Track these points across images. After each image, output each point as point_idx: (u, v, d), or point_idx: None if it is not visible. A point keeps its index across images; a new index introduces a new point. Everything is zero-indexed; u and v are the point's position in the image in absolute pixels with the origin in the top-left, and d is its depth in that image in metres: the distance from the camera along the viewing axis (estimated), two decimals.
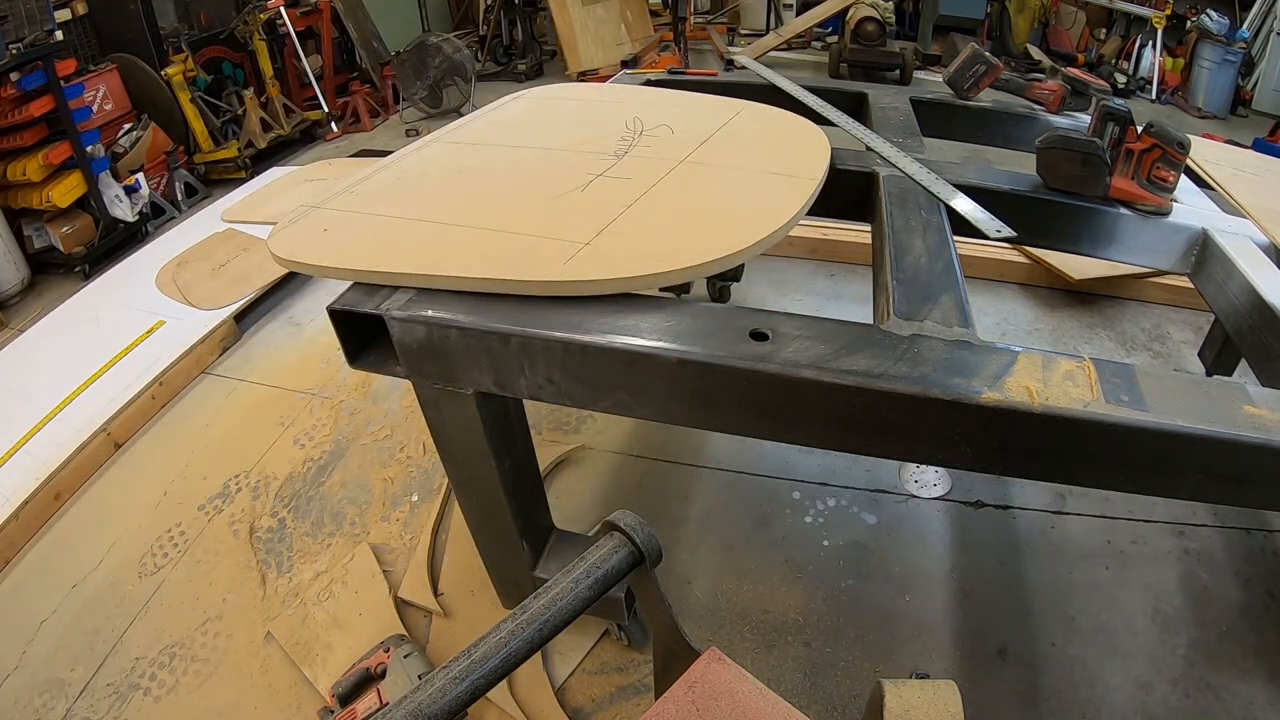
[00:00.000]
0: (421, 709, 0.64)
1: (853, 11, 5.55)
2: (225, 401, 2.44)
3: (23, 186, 3.18)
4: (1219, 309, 1.36)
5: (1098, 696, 1.51)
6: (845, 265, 3.02)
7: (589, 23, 5.70)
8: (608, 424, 2.22)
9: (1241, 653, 1.58)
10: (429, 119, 5.07)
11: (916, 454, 1.03)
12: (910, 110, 1.86)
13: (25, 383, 2.43)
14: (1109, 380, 0.93)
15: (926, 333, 1.02)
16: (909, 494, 1.98)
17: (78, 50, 3.70)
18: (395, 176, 1.46)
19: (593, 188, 1.33)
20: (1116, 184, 1.44)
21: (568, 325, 1.05)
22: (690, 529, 1.90)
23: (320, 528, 1.96)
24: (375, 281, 1.15)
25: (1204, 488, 0.93)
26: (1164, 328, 2.63)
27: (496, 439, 1.27)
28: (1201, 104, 5.15)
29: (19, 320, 3.03)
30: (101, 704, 1.57)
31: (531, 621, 0.72)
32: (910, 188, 1.43)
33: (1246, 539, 1.84)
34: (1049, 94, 1.94)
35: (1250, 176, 1.65)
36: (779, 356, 0.97)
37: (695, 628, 1.66)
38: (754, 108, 1.70)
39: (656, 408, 1.08)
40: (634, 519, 0.81)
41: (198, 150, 4.17)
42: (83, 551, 1.93)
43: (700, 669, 0.77)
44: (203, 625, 1.72)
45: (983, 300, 2.76)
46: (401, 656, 1.48)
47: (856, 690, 1.53)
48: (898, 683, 1.13)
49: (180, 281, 2.90)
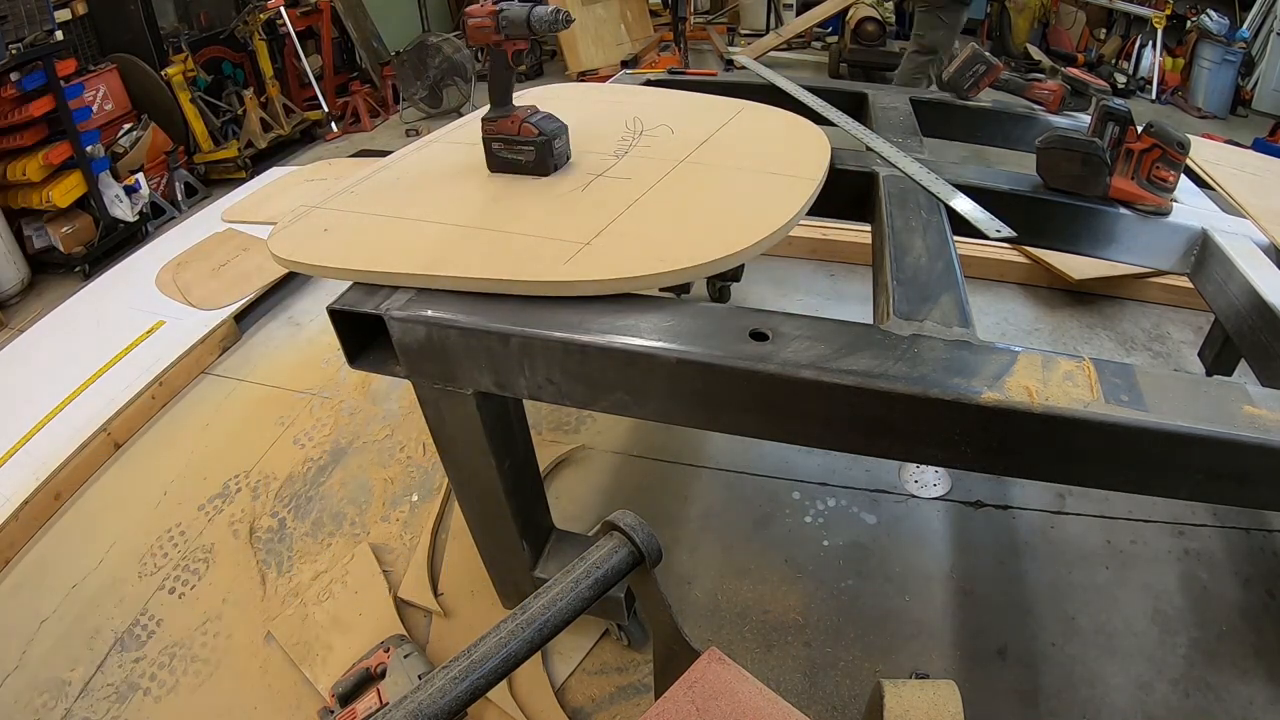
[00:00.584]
0: (421, 709, 0.64)
1: (853, 11, 5.55)
2: (225, 401, 2.44)
3: (23, 186, 3.18)
4: (1219, 309, 1.36)
5: (1098, 696, 1.51)
6: (845, 265, 3.02)
7: (589, 23, 5.69)
8: (608, 424, 2.22)
9: (1241, 653, 1.59)
10: (429, 119, 5.07)
11: (916, 454, 1.03)
12: (910, 110, 1.86)
13: (25, 383, 2.43)
14: (1109, 380, 0.93)
15: (926, 333, 1.02)
16: (909, 494, 1.98)
17: (78, 50, 3.70)
18: (395, 176, 1.46)
19: (593, 188, 1.33)
20: (1116, 184, 1.44)
21: (568, 325, 1.05)
22: (690, 529, 1.90)
23: (320, 528, 1.96)
24: (375, 281, 1.15)
25: (1204, 488, 0.93)
26: (1164, 328, 2.63)
27: (496, 439, 1.27)
28: (1201, 104, 5.15)
29: (19, 320, 3.03)
30: (101, 704, 1.57)
31: (531, 621, 0.72)
32: (910, 188, 1.43)
33: (1246, 539, 1.84)
34: (1049, 94, 1.94)
35: (1250, 176, 1.65)
36: (779, 356, 0.97)
37: (695, 628, 1.66)
38: (754, 108, 1.70)
39: (656, 408, 1.08)
40: (634, 519, 0.81)
41: (198, 150, 4.17)
42: (83, 551, 1.93)
43: (700, 669, 0.77)
44: (203, 625, 1.72)
45: (983, 300, 2.76)
46: (401, 656, 1.48)
47: (856, 690, 1.53)
48: (898, 683, 1.13)
49: (180, 281, 2.90)
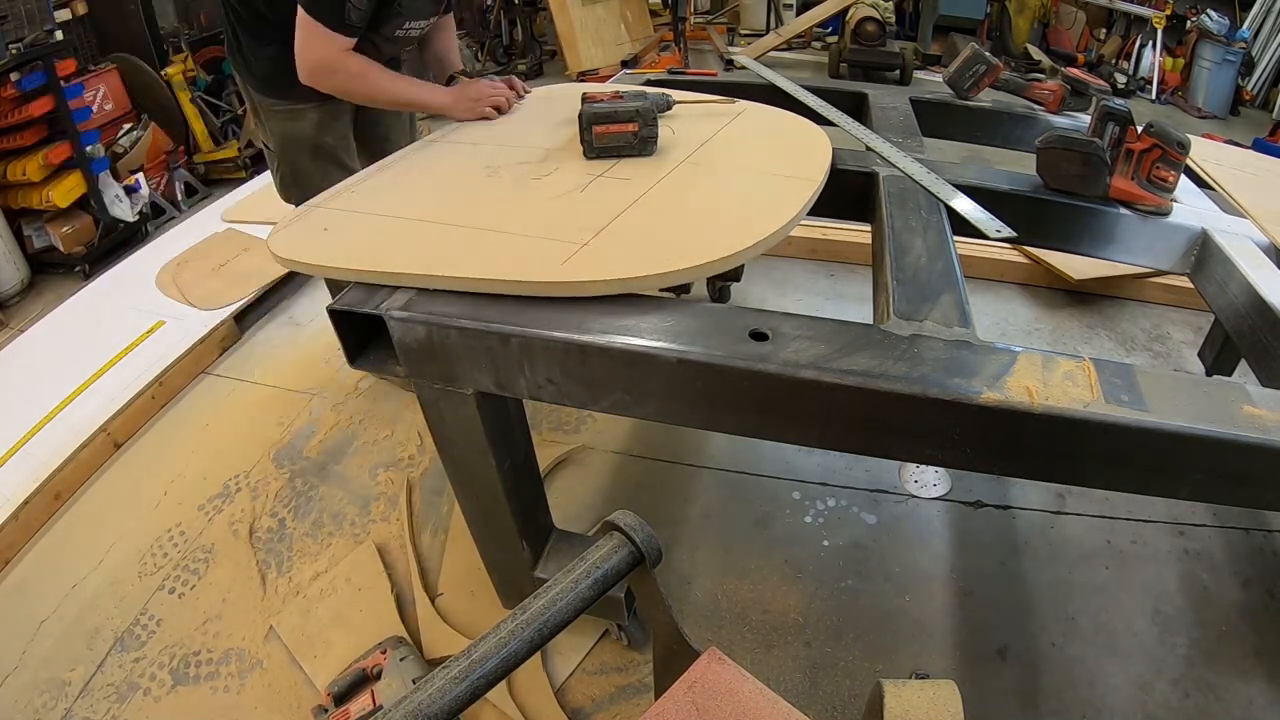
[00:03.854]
0: (421, 709, 0.64)
1: (853, 11, 5.55)
2: (225, 401, 2.44)
3: (23, 186, 3.18)
4: (1219, 309, 1.36)
5: (1098, 696, 1.51)
6: (845, 265, 3.02)
7: (589, 22, 5.69)
8: (608, 424, 2.22)
9: (1241, 653, 1.59)
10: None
11: (916, 454, 1.03)
12: (910, 110, 1.86)
13: (25, 383, 2.43)
14: (1109, 380, 0.93)
15: (926, 333, 1.02)
16: (909, 494, 1.98)
17: (78, 50, 3.70)
18: (395, 176, 1.46)
19: (592, 188, 1.33)
20: (1116, 184, 1.44)
21: (568, 325, 1.05)
22: (690, 529, 1.90)
23: (320, 528, 1.96)
24: (375, 281, 1.15)
25: (1204, 488, 0.93)
26: (1164, 328, 2.63)
27: (496, 439, 1.27)
28: (1201, 104, 5.15)
29: (19, 320, 3.03)
30: (101, 704, 1.57)
31: (531, 621, 0.72)
32: (910, 188, 1.43)
33: (1246, 539, 1.84)
34: (1049, 94, 1.94)
35: (1250, 176, 1.65)
36: (779, 356, 0.97)
37: (695, 628, 1.66)
38: (754, 108, 1.70)
39: (656, 408, 1.08)
40: (634, 519, 0.81)
41: (198, 150, 4.17)
42: (83, 551, 1.93)
43: (700, 669, 0.77)
44: (203, 625, 1.72)
45: (983, 300, 2.76)
46: (398, 659, 1.47)
47: (856, 690, 1.53)
48: (898, 683, 1.13)
49: (180, 281, 2.90)
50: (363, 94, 1.70)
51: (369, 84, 1.66)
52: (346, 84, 1.64)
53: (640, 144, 1.42)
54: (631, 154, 1.42)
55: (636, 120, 1.40)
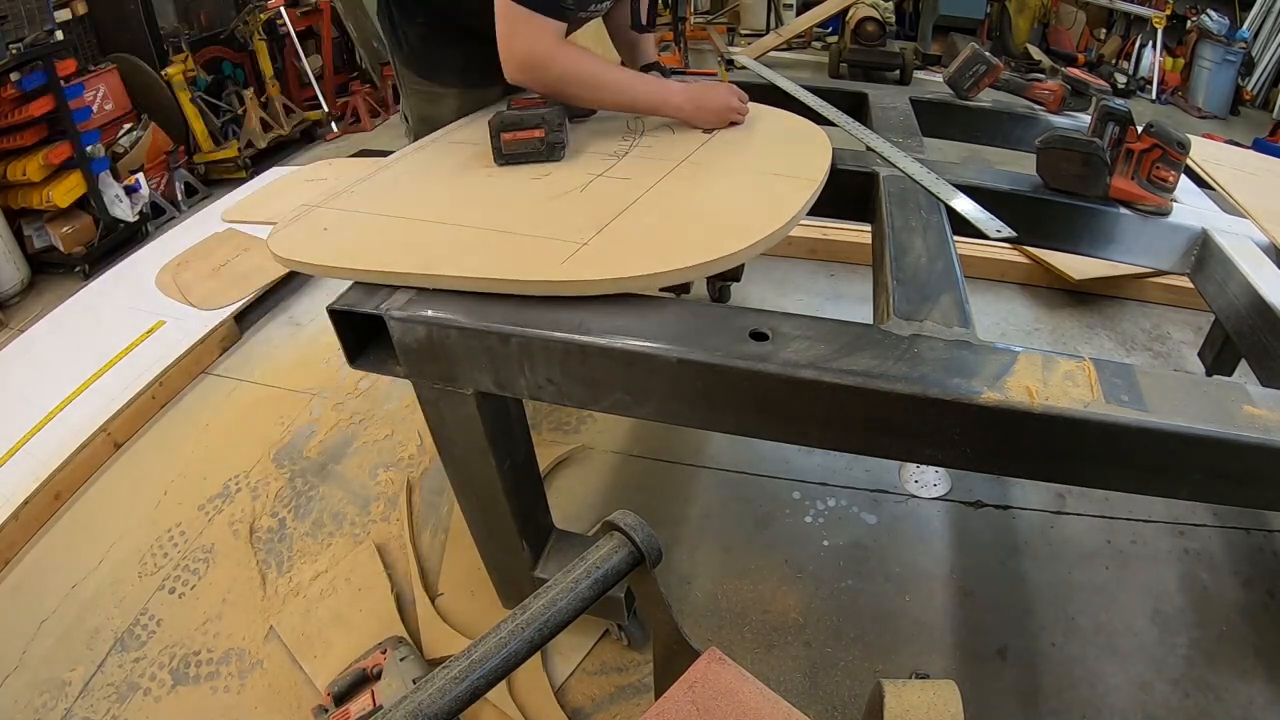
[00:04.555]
0: (421, 709, 0.64)
1: (853, 11, 5.55)
2: (225, 401, 2.44)
3: (23, 186, 3.18)
4: (1219, 309, 1.36)
5: (1098, 696, 1.51)
6: (845, 265, 3.02)
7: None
8: (608, 424, 2.22)
9: (1241, 653, 1.59)
10: None
11: (916, 454, 1.03)
12: (910, 110, 1.86)
13: (25, 383, 2.43)
14: (1109, 380, 0.93)
15: (926, 333, 1.02)
16: (909, 494, 1.98)
17: (78, 50, 3.70)
18: (395, 176, 1.46)
19: (592, 188, 1.33)
20: (1116, 184, 1.44)
21: (568, 325, 1.04)
22: (690, 529, 1.90)
23: (320, 528, 1.96)
24: (375, 281, 1.15)
25: (1204, 488, 0.93)
26: (1164, 328, 2.63)
27: (496, 439, 1.27)
28: (1201, 104, 5.15)
29: (19, 320, 3.03)
30: (101, 704, 1.57)
31: (531, 621, 0.72)
32: (910, 188, 1.43)
33: (1246, 539, 1.84)
34: (1049, 94, 1.94)
35: (1250, 176, 1.65)
36: (779, 356, 0.97)
37: (695, 628, 1.66)
38: (754, 108, 1.70)
39: (656, 408, 1.08)
40: (634, 519, 0.81)
41: (198, 150, 4.17)
42: (83, 551, 1.93)
43: (700, 669, 0.77)
44: (203, 625, 1.72)
45: (983, 300, 2.76)
46: (398, 659, 1.47)
47: (856, 690, 1.53)
48: (898, 683, 1.13)
49: (180, 281, 2.90)
50: (583, 89, 1.39)
51: (591, 77, 1.37)
52: (563, 79, 1.36)
53: (547, 150, 1.37)
54: (540, 159, 1.38)
55: (543, 126, 1.35)
